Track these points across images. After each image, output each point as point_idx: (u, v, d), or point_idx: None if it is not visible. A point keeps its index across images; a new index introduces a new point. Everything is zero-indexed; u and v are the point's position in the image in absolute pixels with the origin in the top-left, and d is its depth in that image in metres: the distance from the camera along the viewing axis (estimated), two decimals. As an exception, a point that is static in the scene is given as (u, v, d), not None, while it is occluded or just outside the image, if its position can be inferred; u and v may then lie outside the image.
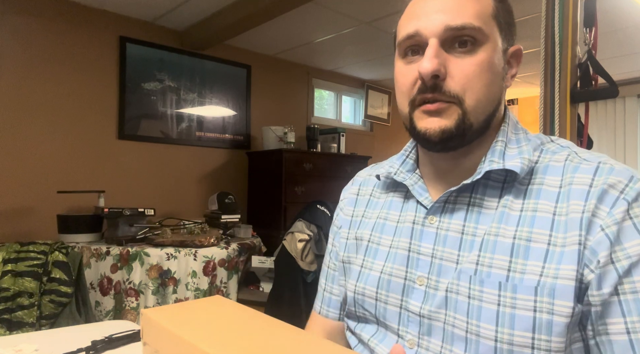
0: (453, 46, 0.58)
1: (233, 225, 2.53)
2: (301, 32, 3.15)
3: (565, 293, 0.51)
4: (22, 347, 0.80)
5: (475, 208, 0.60)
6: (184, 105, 3.17)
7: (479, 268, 0.56)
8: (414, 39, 0.59)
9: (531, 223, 0.56)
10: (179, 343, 0.45)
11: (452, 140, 0.59)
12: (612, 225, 0.51)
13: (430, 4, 0.59)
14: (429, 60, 0.56)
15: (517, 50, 0.63)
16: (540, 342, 0.51)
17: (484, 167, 0.60)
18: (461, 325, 0.56)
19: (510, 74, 0.64)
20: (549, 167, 0.59)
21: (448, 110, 0.58)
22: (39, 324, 1.58)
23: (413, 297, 0.61)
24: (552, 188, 0.57)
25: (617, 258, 0.51)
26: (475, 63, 0.57)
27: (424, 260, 0.62)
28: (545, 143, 0.63)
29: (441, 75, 0.57)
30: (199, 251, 2.08)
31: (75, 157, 2.68)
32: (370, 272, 0.68)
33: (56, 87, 2.61)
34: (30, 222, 2.52)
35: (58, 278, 1.60)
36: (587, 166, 0.56)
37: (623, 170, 0.54)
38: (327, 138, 3.71)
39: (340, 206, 0.83)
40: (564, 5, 1.30)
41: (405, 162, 0.71)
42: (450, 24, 0.56)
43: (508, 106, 4.04)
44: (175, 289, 2.02)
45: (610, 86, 1.25)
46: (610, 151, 4.48)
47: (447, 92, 0.57)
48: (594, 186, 0.54)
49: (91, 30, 2.73)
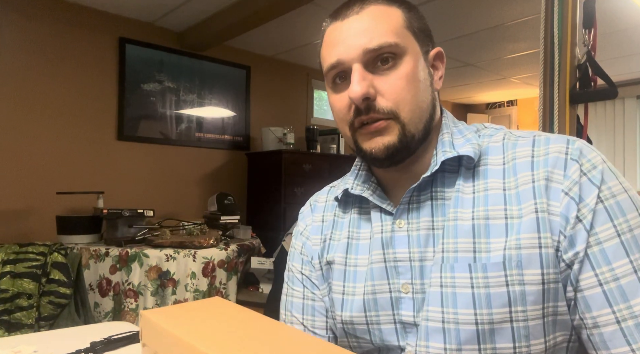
0: (376, 65, 0.59)
1: (232, 226, 2.53)
2: (300, 33, 3.15)
3: (531, 261, 0.53)
4: (21, 348, 0.80)
5: (439, 201, 0.61)
6: (184, 106, 3.17)
7: (445, 255, 0.57)
8: (338, 67, 0.61)
9: (485, 201, 0.58)
10: (178, 344, 0.45)
11: (398, 154, 0.60)
12: (573, 187, 0.53)
13: (344, 30, 0.61)
14: (357, 83, 0.58)
15: (438, 52, 0.65)
16: (517, 314, 0.53)
17: (438, 158, 0.61)
18: (435, 317, 0.56)
19: (437, 76, 0.65)
20: (489, 148, 0.61)
21: (388, 127, 0.59)
22: (38, 325, 1.57)
23: (403, 307, 0.60)
24: (497, 167, 0.59)
25: (582, 215, 0.52)
26: (400, 77, 0.59)
27: (403, 266, 0.61)
28: (481, 130, 0.66)
29: (371, 96, 0.59)
30: (198, 252, 2.08)
31: (74, 158, 2.68)
32: (354, 297, 0.65)
33: (56, 87, 2.61)
34: (29, 223, 2.52)
35: (57, 279, 1.60)
36: (524, 141, 0.59)
37: (558, 137, 0.58)
38: (327, 139, 3.71)
39: (304, 234, 0.77)
40: (563, 7, 1.30)
41: (359, 174, 0.71)
42: (367, 47, 0.58)
43: (508, 107, 4.06)
44: (174, 290, 2.02)
45: (609, 87, 1.25)
46: (609, 152, 4.48)
47: (382, 110, 0.59)
48: (536, 156, 0.57)
49: (91, 31, 2.73)
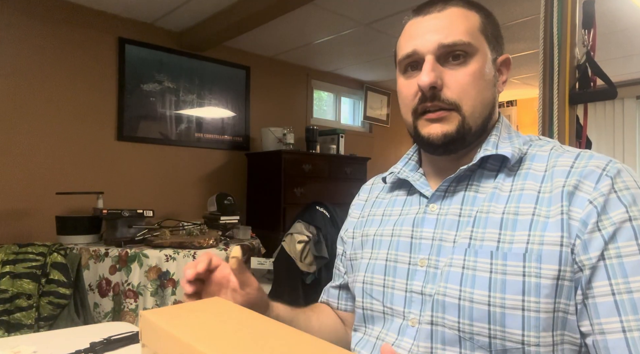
0: (447, 60, 0.65)
1: (232, 226, 2.53)
2: (300, 34, 3.15)
3: (551, 257, 0.55)
4: (20, 349, 0.80)
5: (472, 193, 0.66)
6: (183, 106, 3.16)
7: (472, 242, 0.61)
8: (412, 57, 0.67)
9: (518, 199, 0.61)
10: (178, 345, 0.45)
11: (454, 143, 0.66)
12: (599, 197, 0.56)
13: (424, 25, 0.67)
14: (426, 73, 0.64)
15: (506, 59, 0.71)
16: (530, 304, 0.55)
17: (478, 154, 0.66)
18: (453, 293, 0.60)
19: (501, 81, 0.71)
20: (536, 156, 0.65)
21: (449, 117, 0.65)
22: (38, 325, 1.57)
23: (416, 278, 0.66)
24: (538, 172, 0.63)
25: (603, 226, 0.55)
26: (468, 74, 0.65)
27: (425, 244, 0.66)
28: (534, 140, 0.70)
29: (438, 86, 0.64)
30: (198, 252, 2.08)
31: (74, 158, 2.68)
32: (377, 262, 0.72)
33: (55, 88, 2.60)
34: (29, 223, 2.52)
35: (57, 279, 1.60)
36: (569, 154, 0.63)
37: (602, 156, 0.60)
38: (326, 139, 3.71)
39: (349, 214, 0.88)
40: (562, 7, 1.31)
41: (408, 163, 0.77)
42: (443, 42, 0.64)
43: (507, 107, 4.07)
44: (174, 290, 2.02)
45: (608, 87, 1.26)
46: (608, 152, 4.48)
47: (445, 100, 0.64)
48: (575, 167, 0.60)
49: (90, 31, 2.73)
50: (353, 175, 3.64)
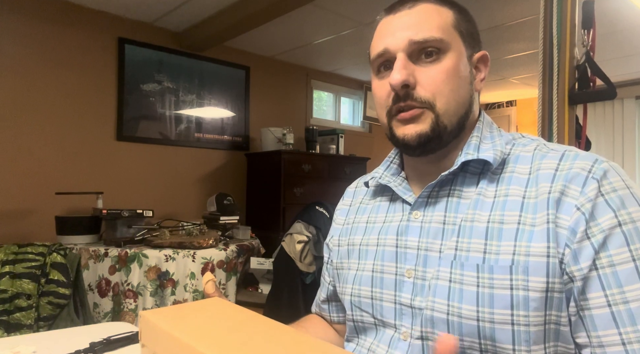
0: (420, 57, 0.63)
1: (232, 226, 2.53)
2: (300, 34, 3.15)
3: (538, 269, 0.54)
4: (20, 349, 0.80)
5: (455, 198, 0.64)
6: (183, 106, 3.16)
7: (457, 253, 0.60)
8: (384, 56, 0.65)
9: (503, 206, 0.59)
10: (178, 345, 0.45)
11: (430, 143, 0.63)
12: (586, 203, 0.54)
13: (395, 23, 0.65)
14: (397, 71, 0.62)
15: (483, 55, 0.68)
16: (519, 318, 0.54)
17: (460, 159, 0.64)
18: (441, 308, 0.59)
19: (479, 78, 0.68)
20: (519, 157, 0.63)
21: (422, 115, 0.63)
22: (37, 326, 1.57)
23: (404, 290, 0.64)
24: (522, 175, 0.61)
25: (592, 233, 0.53)
26: (441, 71, 0.62)
27: (411, 253, 0.65)
28: (517, 139, 0.67)
29: (410, 84, 0.62)
30: (198, 252, 2.08)
31: (73, 158, 2.68)
32: (363, 273, 0.70)
33: (55, 88, 2.60)
34: (29, 223, 2.52)
35: (56, 279, 1.60)
36: (554, 154, 0.60)
37: (587, 155, 0.58)
38: (326, 139, 3.71)
39: (333, 219, 0.86)
40: (562, 8, 1.31)
41: (389, 167, 0.75)
42: (413, 39, 0.62)
43: (507, 107, 4.06)
44: (173, 290, 2.02)
45: (608, 88, 1.26)
46: (608, 152, 4.49)
47: (419, 98, 0.62)
48: (560, 170, 0.57)
49: (90, 31, 2.73)
50: (353, 175, 3.64)
